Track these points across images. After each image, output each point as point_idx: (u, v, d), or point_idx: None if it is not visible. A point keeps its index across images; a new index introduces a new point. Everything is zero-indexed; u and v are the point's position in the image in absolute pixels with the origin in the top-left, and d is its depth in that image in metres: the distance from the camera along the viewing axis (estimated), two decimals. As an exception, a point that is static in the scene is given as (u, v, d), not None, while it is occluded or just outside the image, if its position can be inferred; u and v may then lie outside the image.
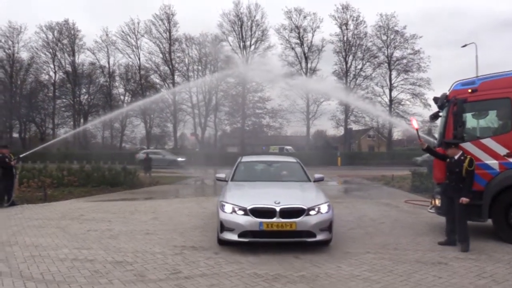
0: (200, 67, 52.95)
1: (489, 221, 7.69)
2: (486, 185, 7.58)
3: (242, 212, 6.57)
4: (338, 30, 50.17)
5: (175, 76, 52.91)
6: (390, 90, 49.71)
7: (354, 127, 55.01)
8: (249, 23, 50.64)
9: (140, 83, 53.49)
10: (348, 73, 50.50)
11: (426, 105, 47.10)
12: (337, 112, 51.06)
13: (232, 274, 5.60)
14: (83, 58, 53.65)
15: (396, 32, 48.58)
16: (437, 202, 8.24)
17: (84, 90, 55.13)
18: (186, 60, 52.78)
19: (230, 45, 51.65)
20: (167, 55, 52.00)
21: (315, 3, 72.40)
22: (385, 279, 5.43)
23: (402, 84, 49.69)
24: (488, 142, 7.71)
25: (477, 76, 8.43)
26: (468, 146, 7.78)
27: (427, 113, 44.23)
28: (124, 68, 54.10)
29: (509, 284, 5.23)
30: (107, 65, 53.83)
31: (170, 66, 52.16)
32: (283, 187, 8.05)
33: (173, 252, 6.76)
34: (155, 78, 54.36)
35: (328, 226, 6.70)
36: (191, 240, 7.62)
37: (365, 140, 67.94)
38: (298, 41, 50.55)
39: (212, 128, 54.94)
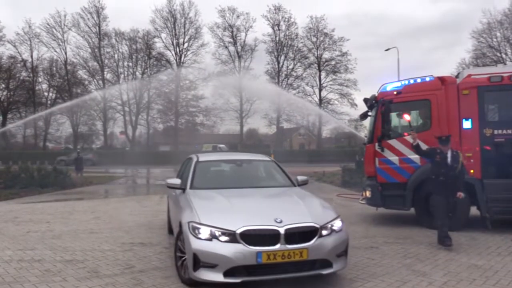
0: (130, 64, 51.71)
1: (412, 210, 8.65)
2: (409, 177, 8.48)
3: (227, 238, 4.51)
4: (270, 31, 51.46)
5: (105, 72, 51.18)
6: (320, 90, 51.82)
7: (286, 125, 56.72)
8: (182, 20, 50.38)
9: (67, 79, 51.00)
10: (280, 73, 51.91)
11: (353, 104, 49.85)
12: (269, 111, 52.30)
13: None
14: (3, 50, 50.15)
15: (326, 34, 50.74)
16: (368, 193, 9.05)
17: (3, 85, 51.32)
18: (116, 56, 51.32)
19: (163, 42, 51.02)
20: (96, 50, 50.16)
21: (248, 3, 73.57)
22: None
23: (331, 84, 52.03)
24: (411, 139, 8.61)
25: (401, 80, 9.35)
26: (394, 142, 8.68)
27: (354, 112, 46.96)
28: (49, 63, 51.31)
29: (430, 261, 6.00)
30: (30, 59, 50.72)
31: (100, 62, 50.39)
32: (271, 195, 6.04)
33: (122, 249, 6.85)
34: (83, 74, 52.20)
35: (345, 250, 5.01)
36: (138, 237, 7.73)
37: (296, 138, 70.07)
38: (231, 40, 51.11)
39: (144, 126, 53.87)
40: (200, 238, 4.62)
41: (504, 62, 39.77)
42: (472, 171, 8.05)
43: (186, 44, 51.12)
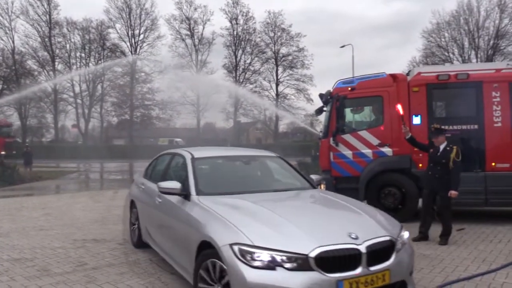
0: (83, 55, 49.92)
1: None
2: (362, 171, 8.75)
3: (295, 265, 3.34)
4: (228, 24, 51.08)
5: (56, 63, 49.09)
6: (277, 85, 52.15)
7: (243, 120, 56.77)
8: (138, 11, 49.01)
9: (14, 69, 48.43)
10: (238, 67, 51.77)
11: (309, 100, 50.45)
12: (227, 105, 52.13)
13: (140, 261, 5.79)
14: None
15: (283, 29, 51.00)
16: (322, 187, 9.23)
17: None
18: (68, 46, 49.35)
19: (118, 32, 49.56)
20: (46, 39, 47.88)
21: (205, -4, 72.63)
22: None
23: (287, 80, 52.43)
24: (364, 133, 8.89)
25: (355, 76, 9.61)
26: (347, 137, 8.92)
27: (310, 108, 47.69)
28: (-6, 52, 48.50)
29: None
30: (-28, 48, 47.73)
31: (50, 52, 48.17)
32: (315, 202, 4.95)
33: (74, 246, 6.65)
34: (32, 64, 49.76)
35: (413, 265, 4.12)
36: (91, 234, 7.52)
37: (254, 132, 70.37)
38: (188, 32, 50.33)
39: (97, 119, 52.29)
40: (256, 267, 3.35)
41: (451, 61, 41.75)
42: (420, 165, 8.42)
43: (141, 36, 49.90)
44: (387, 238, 3.75)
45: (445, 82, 8.53)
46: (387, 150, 8.68)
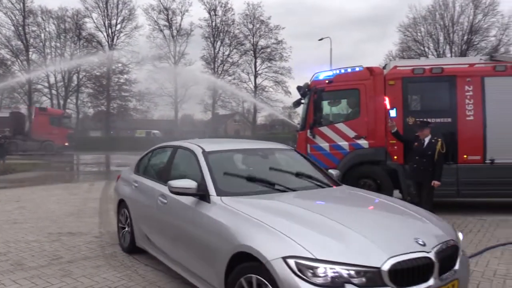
0: (58, 44, 48.74)
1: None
2: (339, 163, 8.87)
3: (363, 280, 2.84)
4: (207, 15, 50.63)
5: (30, 53, 47.76)
6: (255, 77, 52.09)
7: (221, 111, 56.57)
8: (115, 0, 48.04)
9: (-14, 58, 47.00)
10: (216, 59, 51.45)
11: (287, 92, 50.59)
12: (205, 97, 51.81)
13: (117, 254, 5.75)
14: None
15: (262, 21, 50.82)
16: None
17: None
18: (43, 35, 48.08)
19: (94, 22, 48.53)
20: (20, 28, 46.49)
21: (182, -14, 71.56)
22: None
23: (266, 72, 52.36)
24: (341, 126, 9.01)
25: (333, 69, 9.71)
26: (325, 129, 9.02)
27: (288, 100, 47.81)
28: (-35, 40, 46.86)
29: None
30: None
31: (24, 41, 46.78)
32: (359, 202, 4.39)
33: (49, 239, 6.55)
34: (5, 54, 48.26)
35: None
36: (66, 227, 7.41)
37: (232, 125, 70.24)
38: (166, 23, 49.67)
39: (73, 111, 51.23)
40: (319, 285, 2.80)
41: (426, 55, 42.49)
42: (395, 157, 8.60)
43: (119, 26, 48.93)
44: (452, 242, 3.36)
45: (420, 76, 8.69)
46: (363, 142, 8.82)
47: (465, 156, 8.49)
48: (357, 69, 9.13)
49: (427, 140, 6.93)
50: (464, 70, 8.65)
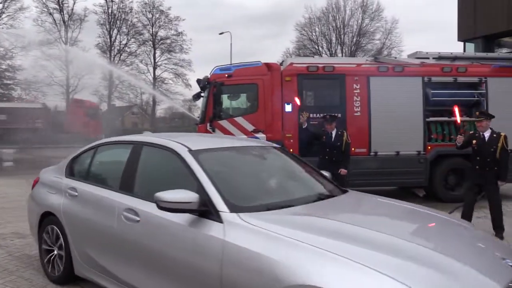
0: None
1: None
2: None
3: None
4: (102, 1, 47.86)
5: None
6: (154, 69, 50.68)
7: (118, 103, 54.13)
8: (-6, -23, 43.20)
9: None
10: (113, 48, 49.00)
11: (187, 85, 50.00)
12: (100, 88, 49.06)
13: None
14: None
15: (161, 11, 49.43)
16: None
17: None
18: None
19: (-32, 0, 43.11)
20: None
21: (75, -33, 66.76)
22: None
23: (165, 64, 51.15)
24: (240, 120, 9.16)
25: (232, 63, 9.82)
26: (224, 123, 9.11)
27: (188, 93, 47.33)
28: None
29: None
30: None
31: None
32: (404, 215, 3.51)
33: None
34: None
35: None
36: None
37: (129, 117, 67.58)
38: (57, 6, 45.97)
39: None
40: None
41: (320, 54, 44.97)
42: (291, 150, 8.96)
43: (0, 5, 44.23)
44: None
45: (314, 73, 9.17)
46: (261, 136, 9.05)
47: (353, 148, 9.15)
48: (256, 64, 9.35)
49: (334, 133, 7.49)
50: (352, 70, 9.33)
